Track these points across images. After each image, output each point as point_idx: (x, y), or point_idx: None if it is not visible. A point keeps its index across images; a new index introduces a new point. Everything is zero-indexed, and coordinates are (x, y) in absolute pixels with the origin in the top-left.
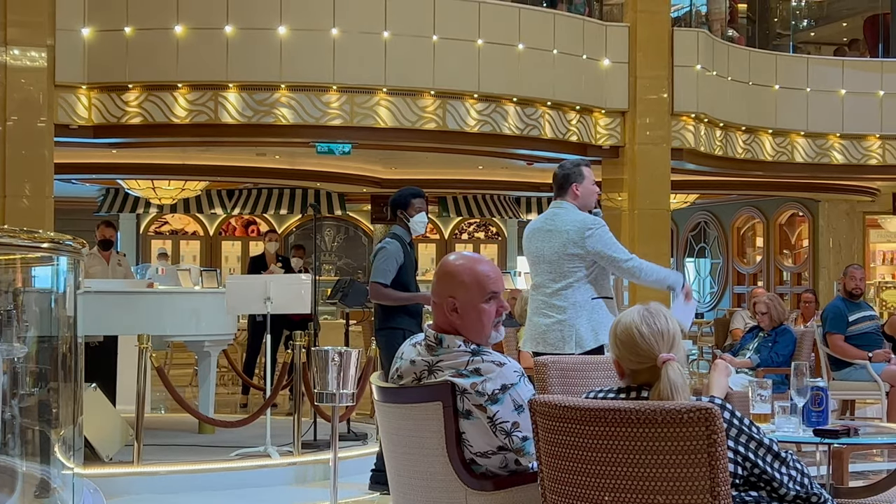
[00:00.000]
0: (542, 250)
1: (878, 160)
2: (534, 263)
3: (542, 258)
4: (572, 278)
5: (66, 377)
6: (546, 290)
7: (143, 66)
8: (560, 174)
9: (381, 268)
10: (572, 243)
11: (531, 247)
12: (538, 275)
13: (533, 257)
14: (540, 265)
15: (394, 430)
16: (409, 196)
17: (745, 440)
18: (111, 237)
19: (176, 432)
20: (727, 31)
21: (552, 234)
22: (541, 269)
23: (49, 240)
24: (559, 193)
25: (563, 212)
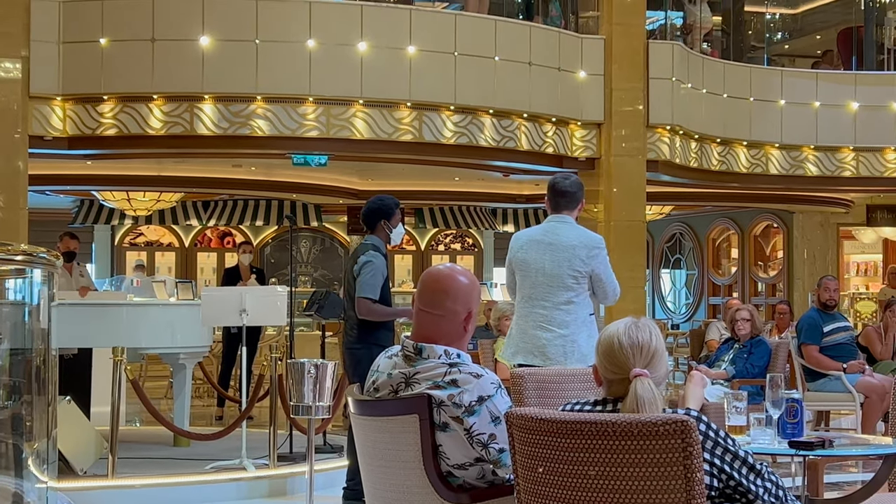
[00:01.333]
0: (542, 263)
1: (851, 172)
2: (528, 275)
3: (540, 271)
4: (574, 293)
5: (39, 390)
6: (544, 303)
7: (119, 78)
8: (570, 188)
9: (370, 283)
10: (579, 259)
11: (527, 257)
12: (534, 287)
13: (529, 269)
14: (537, 277)
15: (370, 442)
16: (394, 206)
17: (721, 452)
18: (75, 248)
19: (151, 445)
20: (702, 44)
21: (554, 247)
22: (538, 282)
23: (22, 252)
24: (564, 207)
25: (565, 226)
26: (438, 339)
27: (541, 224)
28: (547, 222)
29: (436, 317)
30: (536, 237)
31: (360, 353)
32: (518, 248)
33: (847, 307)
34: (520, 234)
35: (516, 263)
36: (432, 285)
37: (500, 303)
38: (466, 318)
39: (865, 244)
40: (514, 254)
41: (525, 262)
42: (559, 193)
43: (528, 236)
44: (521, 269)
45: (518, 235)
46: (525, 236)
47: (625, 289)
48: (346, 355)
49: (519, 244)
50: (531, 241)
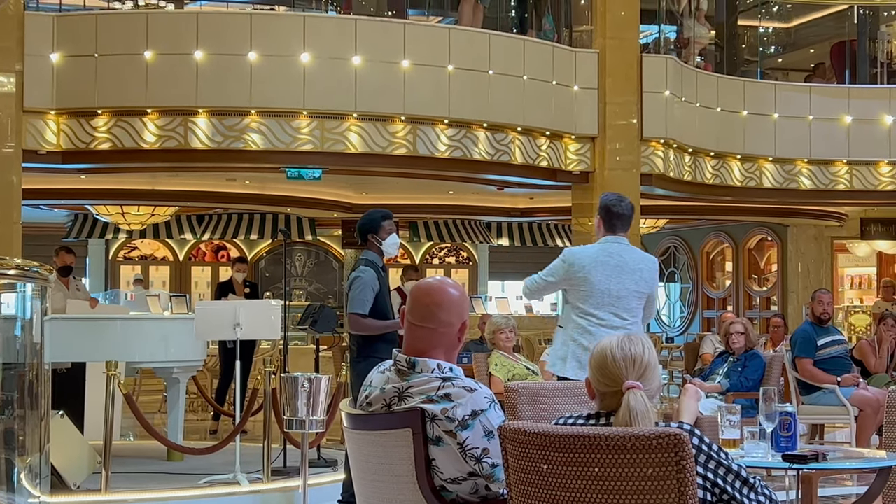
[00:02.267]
0: (607, 284)
1: (845, 185)
2: (591, 294)
3: (606, 292)
4: (635, 314)
5: (32, 404)
6: (612, 321)
7: (113, 92)
8: (627, 211)
9: (358, 298)
10: (644, 281)
11: (590, 277)
12: (598, 307)
13: (594, 289)
14: (602, 298)
15: (364, 457)
16: (380, 218)
17: (714, 466)
18: (71, 263)
19: (144, 460)
20: (695, 57)
21: (621, 270)
22: (602, 302)
23: (16, 266)
24: (621, 229)
25: (628, 249)
26: (433, 352)
27: (599, 244)
28: (607, 243)
29: (429, 330)
30: (601, 259)
31: (360, 367)
32: (580, 266)
33: (841, 320)
34: (579, 252)
35: (576, 280)
36: (424, 299)
37: (494, 316)
38: (461, 329)
39: (859, 257)
40: (575, 271)
41: (589, 281)
42: (616, 216)
43: (592, 257)
44: (583, 288)
45: (578, 254)
46: (588, 257)
47: None
48: (350, 372)
49: (581, 263)
50: (595, 261)
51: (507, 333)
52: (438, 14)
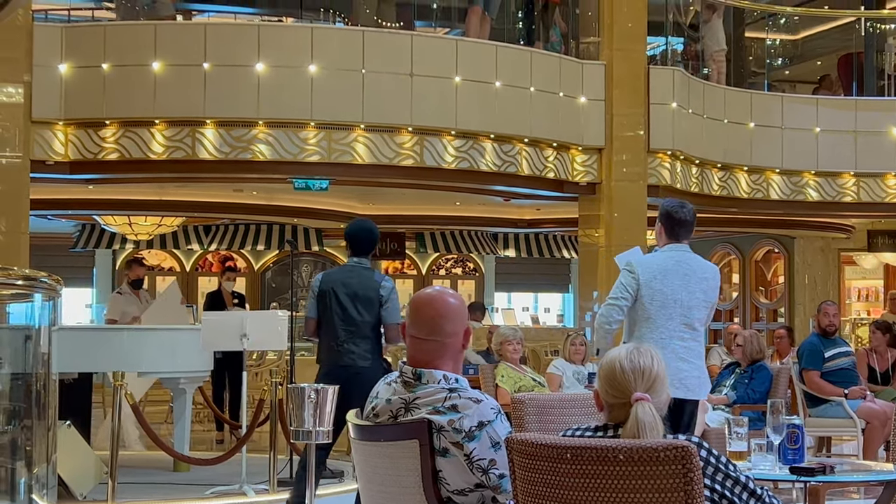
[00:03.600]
0: (678, 294)
1: (852, 197)
2: (664, 305)
3: (678, 302)
4: (702, 323)
5: (39, 414)
6: (682, 334)
7: (121, 103)
8: (689, 218)
9: (399, 309)
10: (711, 290)
11: (663, 288)
12: (671, 319)
13: (666, 300)
14: (674, 309)
15: (370, 468)
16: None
17: (722, 479)
18: (143, 276)
19: (151, 470)
20: (702, 69)
21: (689, 279)
22: (675, 314)
23: (24, 276)
24: (683, 236)
25: (693, 257)
26: (439, 362)
27: (664, 253)
28: (671, 251)
29: (436, 342)
30: (669, 267)
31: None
32: (651, 276)
33: (848, 333)
34: (645, 261)
35: (648, 292)
36: (428, 311)
37: (501, 328)
38: (465, 336)
39: (866, 269)
40: (645, 281)
41: (662, 292)
42: (679, 223)
43: (660, 266)
44: (655, 299)
45: (645, 263)
46: (656, 266)
47: None
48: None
49: (651, 273)
50: (664, 270)
51: (514, 345)
52: (446, 26)
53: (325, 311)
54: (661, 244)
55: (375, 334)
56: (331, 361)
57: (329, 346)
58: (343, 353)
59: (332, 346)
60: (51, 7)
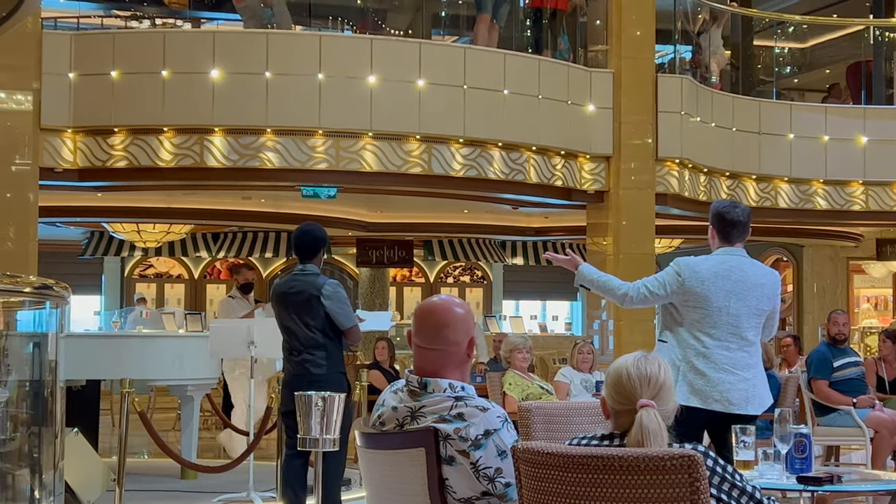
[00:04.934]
0: (727, 302)
1: (861, 206)
2: (708, 313)
3: (724, 310)
4: (755, 333)
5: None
6: (729, 344)
7: (129, 110)
8: (743, 218)
9: (349, 310)
10: (766, 298)
11: (709, 295)
12: (715, 327)
13: (711, 307)
14: (720, 317)
15: (377, 476)
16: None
17: (728, 488)
18: (253, 280)
19: (158, 477)
20: (710, 77)
21: (742, 286)
22: (721, 322)
23: (32, 284)
24: (737, 238)
25: (748, 262)
26: (444, 372)
27: (716, 256)
28: (725, 255)
29: (440, 351)
30: (721, 272)
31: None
32: (699, 281)
33: (857, 341)
34: (697, 264)
35: (691, 296)
36: (431, 321)
37: (511, 336)
38: (469, 345)
39: (875, 278)
40: (692, 286)
41: (707, 298)
42: (731, 224)
43: (710, 270)
44: (699, 305)
45: (696, 266)
46: (706, 270)
47: (634, 322)
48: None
49: (699, 278)
50: (715, 275)
51: (523, 353)
52: (454, 34)
53: (278, 321)
54: (714, 248)
55: (330, 340)
56: (287, 370)
57: (285, 356)
58: (294, 362)
59: (285, 355)
60: (60, 15)
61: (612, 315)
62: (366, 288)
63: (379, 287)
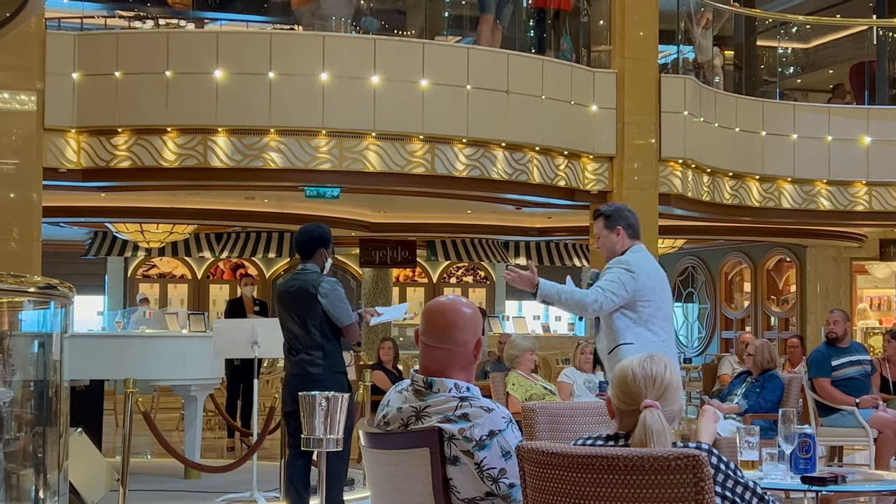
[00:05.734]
0: (668, 295)
1: (864, 206)
2: (660, 307)
3: (669, 303)
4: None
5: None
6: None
7: (133, 111)
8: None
9: (347, 308)
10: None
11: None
12: (666, 320)
13: (663, 302)
14: (666, 310)
15: (382, 476)
16: (331, 235)
17: (732, 485)
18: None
19: (162, 477)
20: (713, 77)
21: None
22: (667, 314)
23: (36, 284)
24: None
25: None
26: (450, 372)
27: (641, 252)
28: (644, 250)
29: (446, 350)
30: (655, 266)
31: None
32: (648, 276)
33: (861, 341)
34: (637, 260)
35: (644, 292)
36: (438, 320)
37: (514, 336)
38: (476, 347)
39: (879, 278)
40: (644, 282)
41: (655, 291)
42: (636, 220)
43: (650, 264)
44: (651, 299)
45: (638, 262)
46: (647, 264)
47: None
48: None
49: (648, 273)
50: (654, 269)
51: (528, 354)
52: (457, 34)
53: (279, 321)
54: (623, 247)
55: (328, 339)
56: (286, 370)
57: (285, 356)
58: (293, 362)
59: (285, 354)
60: (64, 15)
61: None
62: (369, 288)
63: (382, 287)
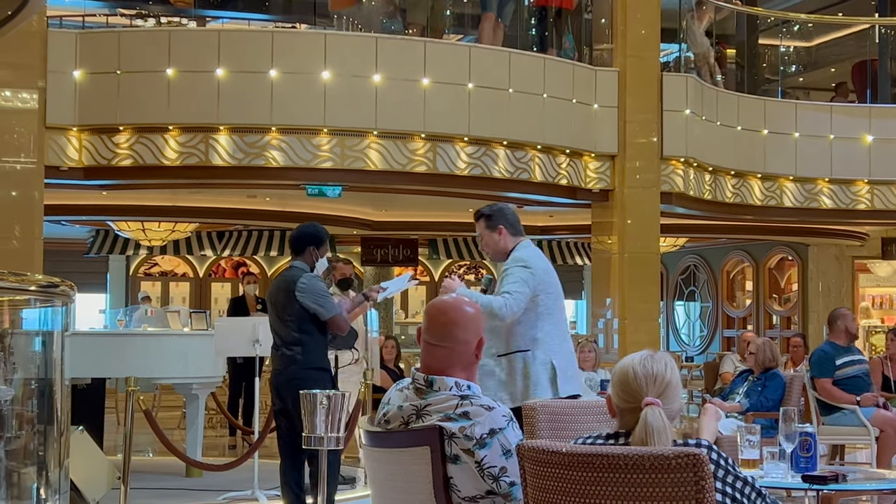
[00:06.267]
0: (559, 288)
1: (866, 205)
2: (557, 300)
3: (562, 296)
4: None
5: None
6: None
7: (134, 109)
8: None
9: (331, 301)
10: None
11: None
12: (561, 311)
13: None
14: (561, 303)
15: (382, 474)
16: (325, 235)
17: (732, 481)
18: (350, 275)
19: (163, 476)
20: (715, 76)
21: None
22: (561, 307)
23: (37, 282)
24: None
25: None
26: (451, 370)
27: (531, 247)
28: (531, 246)
29: (447, 349)
30: (546, 259)
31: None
32: (544, 271)
33: (862, 340)
34: (530, 256)
35: (542, 287)
36: (440, 318)
37: None
38: (478, 346)
39: (881, 277)
40: (542, 276)
41: (554, 286)
42: (516, 217)
43: (542, 260)
44: (549, 291)
45: (537, 258)
46: (541, 259)
47: (638, 321)
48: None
49: (543, 268)
50: (547, 264)
51: None
52: (459, 32)
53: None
54: (508, 245)
55: (307, 335)
56: (272, 366)
57: (271, 353)
58: (276, 358)
59: (272, 351)
60: (65, 13)
61: (616, 314)
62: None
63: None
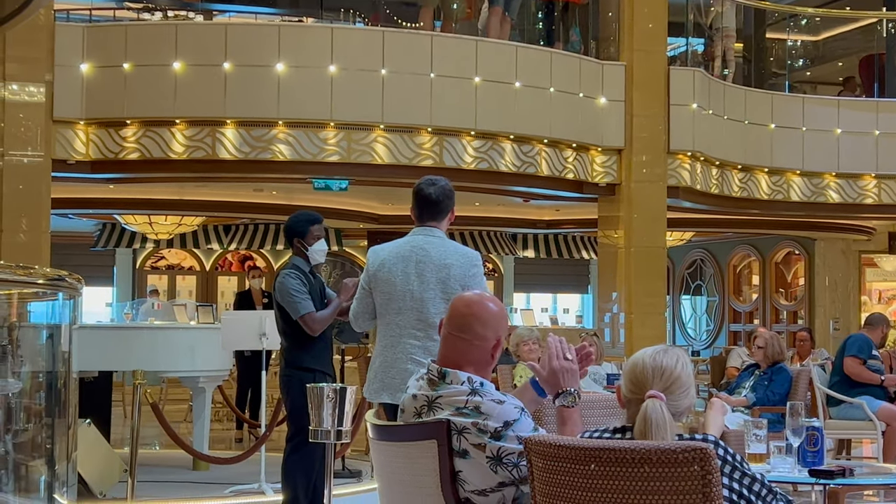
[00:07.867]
0: (411, 285)
1: (873, 199)
2: (393, 299)
3: (409, 294)
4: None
5: (60, 413)
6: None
7: (141, 102)
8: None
9: (298, 300)
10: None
11: (392, 278)
12: (401, 313)
13: (395, 291)
14: (405, 302)
15: (389, 468)
16: (306, 223)
17: (740, 476)
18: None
19: (170, 469)
20: (722, 70)
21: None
22: (405, 307)
23: (45, 275)
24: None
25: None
26: (465, 365)
27: (405, 238)
28: (412, 235)
29: (464, 341)
30: (402, 254)
31: (294, 382)
32: (378, 265)
33: None
34: (379, 249)
35: (377, 284)
36: (463, 310)
37: (519, 328)
38: (495, 346)
39: (887, 272)
40: (373, 273)
41: (391, 283)
42: (422, 200)
43: (392, 252)
44: (385, 292)
45: (377, 251)
46: (387, 252)
47: (644, 315)
48: (283, 381)
49: (379, 260)
50: (397, 257)
51: (530, 345)
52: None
53: None
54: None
55: (287, 335)
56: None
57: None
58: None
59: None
60: (73, 7)
61: (623, 308)
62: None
63: None
